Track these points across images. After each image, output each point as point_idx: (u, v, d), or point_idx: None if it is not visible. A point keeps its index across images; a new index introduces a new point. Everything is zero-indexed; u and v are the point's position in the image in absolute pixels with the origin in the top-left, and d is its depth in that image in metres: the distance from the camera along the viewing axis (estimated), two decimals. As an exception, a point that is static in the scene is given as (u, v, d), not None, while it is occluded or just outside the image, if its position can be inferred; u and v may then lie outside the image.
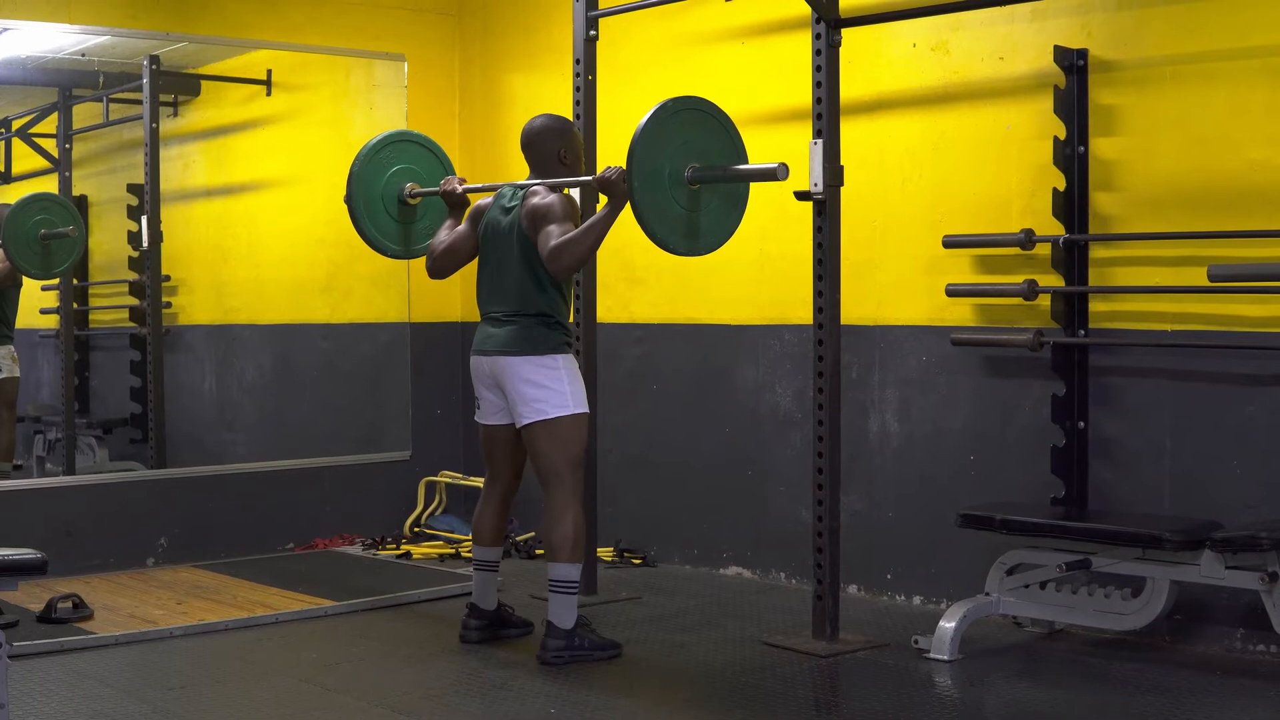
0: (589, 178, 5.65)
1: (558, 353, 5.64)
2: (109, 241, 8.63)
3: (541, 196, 5.62)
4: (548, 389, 5.61)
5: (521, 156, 8.46)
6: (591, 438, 6.72)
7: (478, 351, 5.78)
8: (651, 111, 5.30)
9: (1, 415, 8.11)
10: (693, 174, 5.35)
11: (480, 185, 6.07)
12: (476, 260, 5.91)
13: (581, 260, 5.56)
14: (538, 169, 5.82)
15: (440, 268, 6.00)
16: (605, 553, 7.42)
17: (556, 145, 5.81)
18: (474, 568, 6.02)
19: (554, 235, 5.49)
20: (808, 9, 5.88)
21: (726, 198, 5.50)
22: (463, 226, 5.96)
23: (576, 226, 5.53)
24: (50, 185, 8.42)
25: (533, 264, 5.63)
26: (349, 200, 6.20)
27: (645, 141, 5.24)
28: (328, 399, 9.00)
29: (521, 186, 5.75)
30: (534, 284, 5.65)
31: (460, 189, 6.05)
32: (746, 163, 5.53)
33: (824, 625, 5.87)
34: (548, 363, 5.63)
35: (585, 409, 5.69)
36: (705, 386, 7.46)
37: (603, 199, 5.54)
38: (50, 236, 7.87)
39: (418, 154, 6.38)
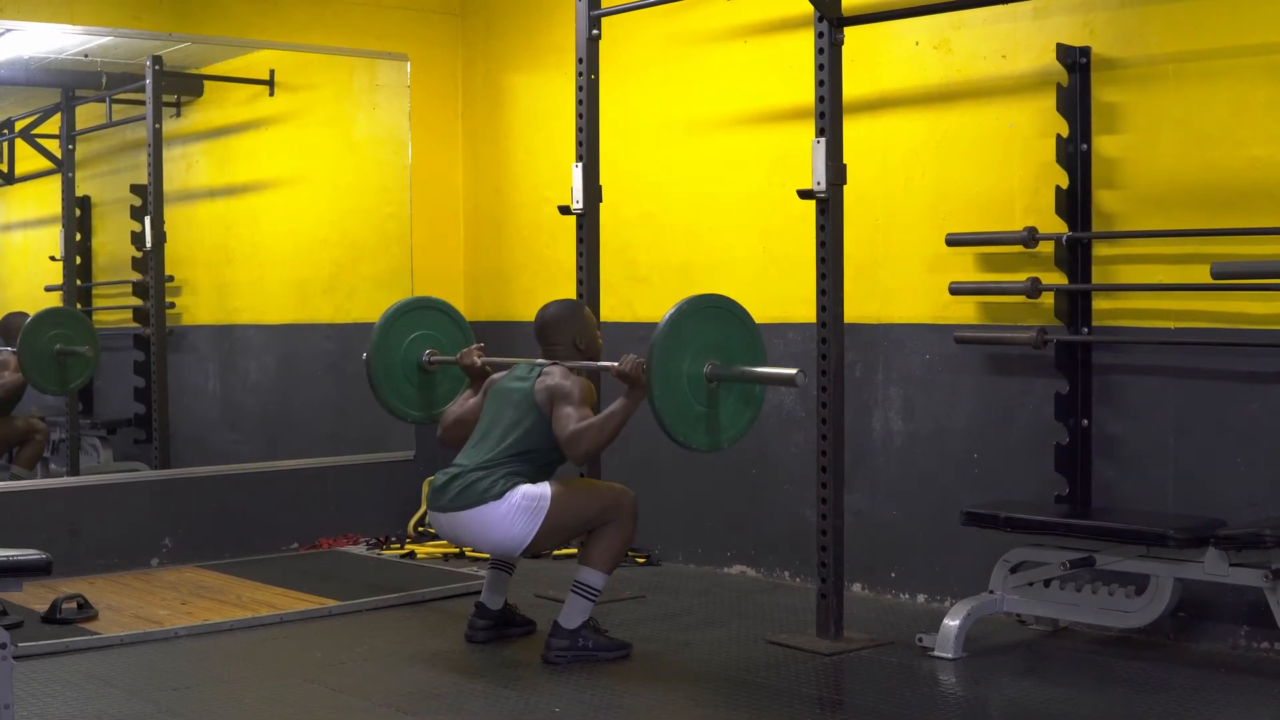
0: (609, 364, 5.64)
1: (506, 492, 5.51)
2: (112, 242, 8.63)
3: (560, 376, 5.63)
4: (514, 519, 5.51)
5: (521, 145, 8.54)
6: (606, 447, 6.76)
7: (433, 507, 5.72)
8: (671, 313, 5.31)
9: (35, 435, 8.21)
10: (711, 371, 5.35)
11: (498, 359, 6.12)
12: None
13: (599, 448, 5.60)
14: (551, 356, 5.83)
15: (448, 437, 6.04)
16: (609, 552, 7.42)
17: (570, 334, 5.84)
18: (490, 565, 6.03)
19: (573, 419, 5.49)
20: (810, 7, 5.88)
21: (741, 397, 5.50)
22: (475, 400, 6.00)
23: (593, 412, 5.54)
24: (54, 186, 8.42)
25: (529, 430, 5.61)
26: (369, 372, 6.39)
27: (665, 344, 5.25)
28: (331, 399, 9.00)
29: (539, 365, 5.77)
30: (520, 444, 5.61)
31: (479, 361, 6.08)
32: (765, 358, 5.54)
33: (828, 624, 5.88)
34: (501, 500, 5.50)
35: (547, 486, 5.57)
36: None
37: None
38: (66, 354, 7.92)
39: (436, 320, 6.57)
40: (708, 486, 7.45)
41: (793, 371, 5.27)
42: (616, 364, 5.50)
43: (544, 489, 5.54)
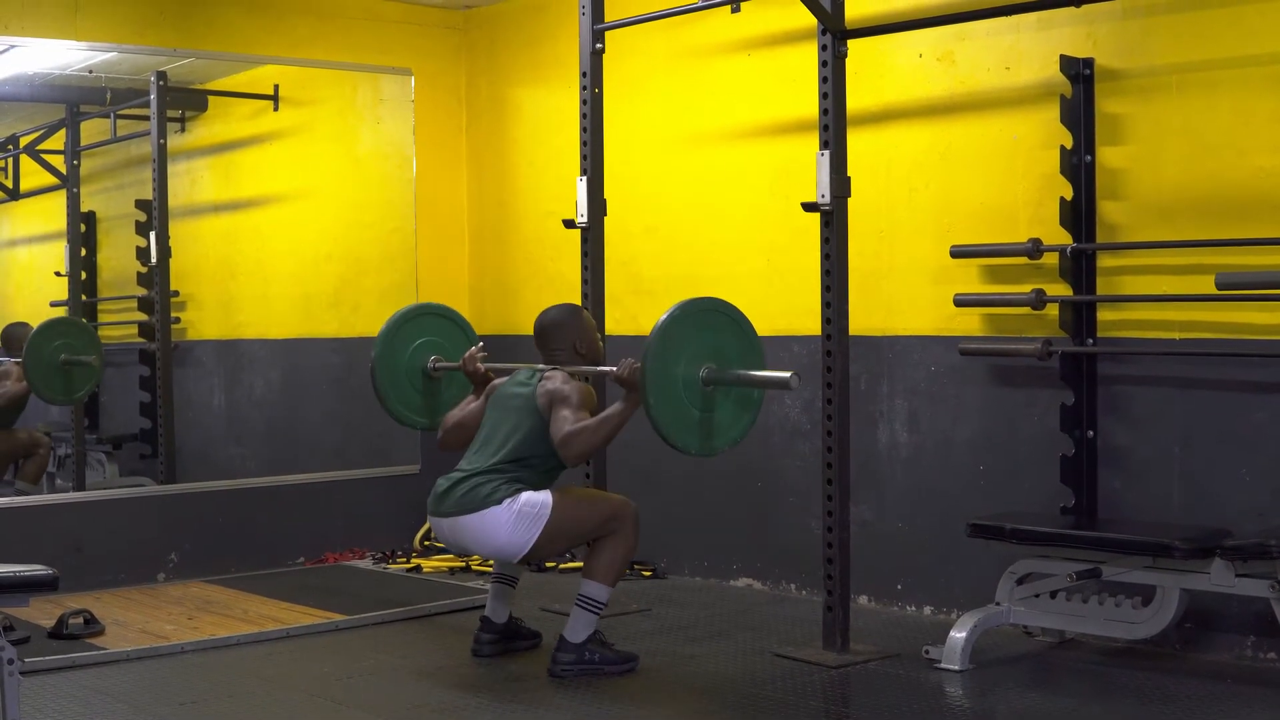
0: (608, 369, 5.65)
1: (509, 498, 5.53)
2: (117, 258, 8.65)
3: (560, 381, 5.65)
4: (516, 524, 5.52)
5: (525, 159, 8.55)
6: (600, 450, 6.75)
7: (433, 512, 5.72)
8: (667, 315, 5.29)
9: (39, 450, 8.21)
10: (707, 375, 5.34)
11: (500, 365, 6.13)
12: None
13: (593, 450, 5.61)
14: (551, 361, 5.84)
15: (449, 441, 6.07)
16: (615, 565, 7.41)
17: (570, 339, 5.85)
18: (492, 580, 6.03)
19: (569, 421, 5.49)
20: (814, 20, 5.89)
21: (738, 402, 5.48)
22: (477, 404, 6.01)
23: (592, 416, 5.54)
24: (59, 201, 8.44)
25: (530, 434, 5.62)
26: (373, 379, 6.40)
27: (660, 347, 5.24)
28: (337, 413, 9.01)
29: (540, 370, 5.77)
30: (521, 449, 5.62)
31: (482, 368, 6.10)
32: (762, 362, 5.51)
33: (834, 636, 5.87)
34: (503, 506, 5.51)
35: (548, 493, 5.60)
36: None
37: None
38: (71, 363, 7.92)
39: (439, 325, 6.57)
40: (713, 499, 7.45)
41: (787, 375, 5.25)
42: (615, 369, 5.51)
43: (545, 496, 5.55)
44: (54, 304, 8.46)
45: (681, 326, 5.31)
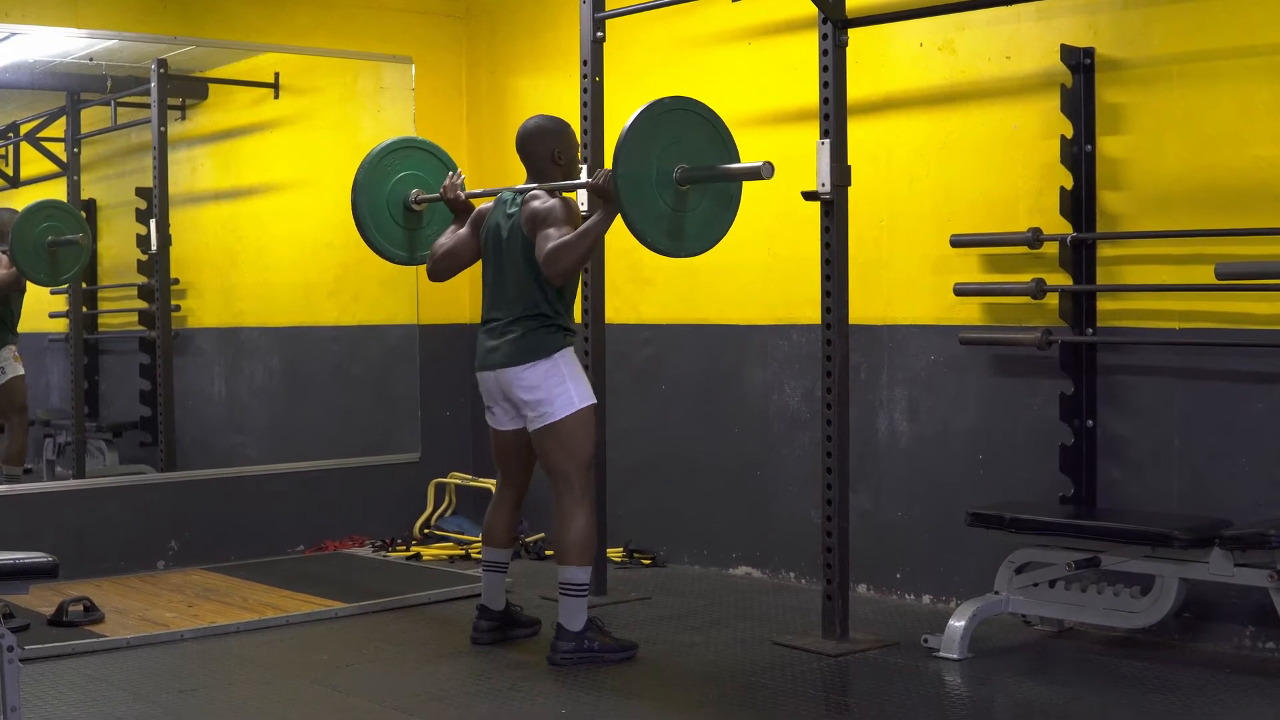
0: (584, 181, 5.64)
1: (556, 352, 5.63)
2: (118, 245, 8.65)
3: (541, 200, 5.64)
4: (551, 392, 5.61)
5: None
6: (600, 438, 6.74)
7: (481, 367, 5.78)
8: (639, 111, 5.28)
9: (12, 419, 8.12)
10: (680, 174, 5.32)
11: (481, 190, 6.07)
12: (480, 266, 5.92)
13: (577, 263, 5.54)
14: (534, 171, 5.82)
15: (440, 269, 6.02)
16: (615, 553, 7.42)
17: (550, 146, 5.80)
18: (483, 569, 6.03)
19: (551, 239, 5.49)
20: (814, 9, 5.88)
21: (718, 199, 5.47)
22: (464, 230, 5.98)
23: (575, 230, 5.53)
24: (59, 189, 8.44)
25: (535, 267, 5.62)
26: (354, 207, 6.23)
27: (632, 140, 5.21)
28: (337, 401, 9.01)
29: (521, 191, 5.75)
30: (536, 287, 5.65)
31: (463, 195, 6.05)
32: (737, 157, 5.48)
33: (834, 625, 5.88)
34: (547, 366, 5.62)
35: (590, 400, 5.69)
36: (714, 387, 7.46)
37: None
38: (58, 244, 7.86)
39: (423, 160, 6.39)
40: (713, 488, 7.46)
41: (759, 164, 5.23)
42: (589, 179, 5.46)
43: (588, 393, 5.66)
44: (54, 291, 8.46)
45: (653, 124, 5.27)
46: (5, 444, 8.10)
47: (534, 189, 5.71)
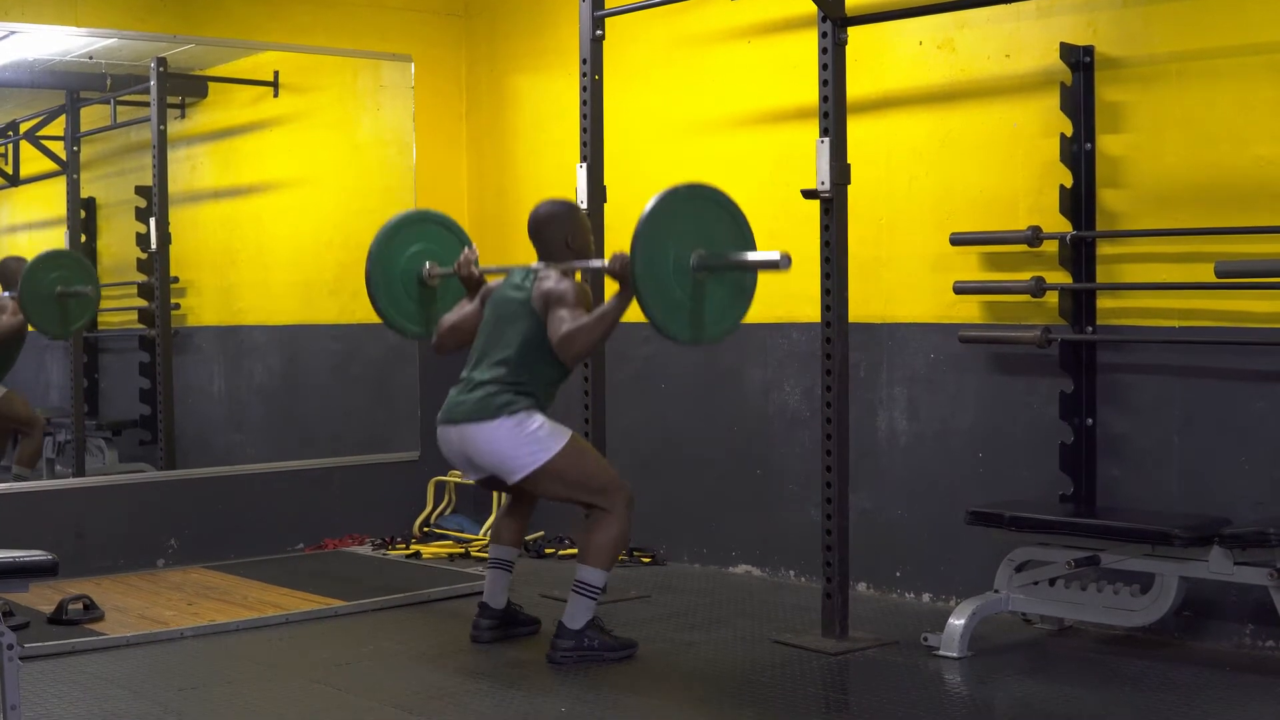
0: (600, 263, 5.63)
1: (522, 411, 5.56)
2: (117, 244, 8.65)
3: (555, 281, 5.62)
4: (525, 442, 5.54)
5: (525, 146, 8.55)
6: (600, 438, 6.75)
7: (444, 420, 5.73)
8: (656, 199, 5.27)
9: (23, 428, 8.16)
10: (698, 261, 5.31)
11: (495, 267, 6.11)
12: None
13: (592, 348, 5.58)
14: (546, 255, 5.81)
15: (445, 344, 6.06)
16: (614, 552, 7.42)
17: (563, 232, 5.81)
18: (489, 566, 6.03)
19: (566, 320, 5.47)
20: (814, 7, 5.88)
21: (732, 288, 5.45)
22: (472, 306, 6.00)
23: (588, 313, 5.52)
24: (59, 187, 8.44)
25: (530, 339, 5.62)
26: (368, 280, 6.28)
27: (649, 230, 5.20)
28: (336, 400, 9.01)
29: (534, 270, 5.75)
30: (525, 355, 5.62)
31: (476, 271, 6.06)
32: (753, 246, 5.49)
33: (833, 623, 5.88)
34: (516, 420, 5.54)
35: (564, 435, 5.60)
36: (713, 386, 7.46)
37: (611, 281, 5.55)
38: (67, 294, 7.90)
39: (437, 234, 6.46)
40: (713, 486, 7.46)
41: (777, 255, 5.23)
42: (605, 263, 5.47)
43: (561, 432, 5.57)
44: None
45: (671, 213, 5.27)
46: (20, 447, 8.14)
47: (546, 268, 5.71)
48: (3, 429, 8.15)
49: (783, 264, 5.21)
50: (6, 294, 8.01)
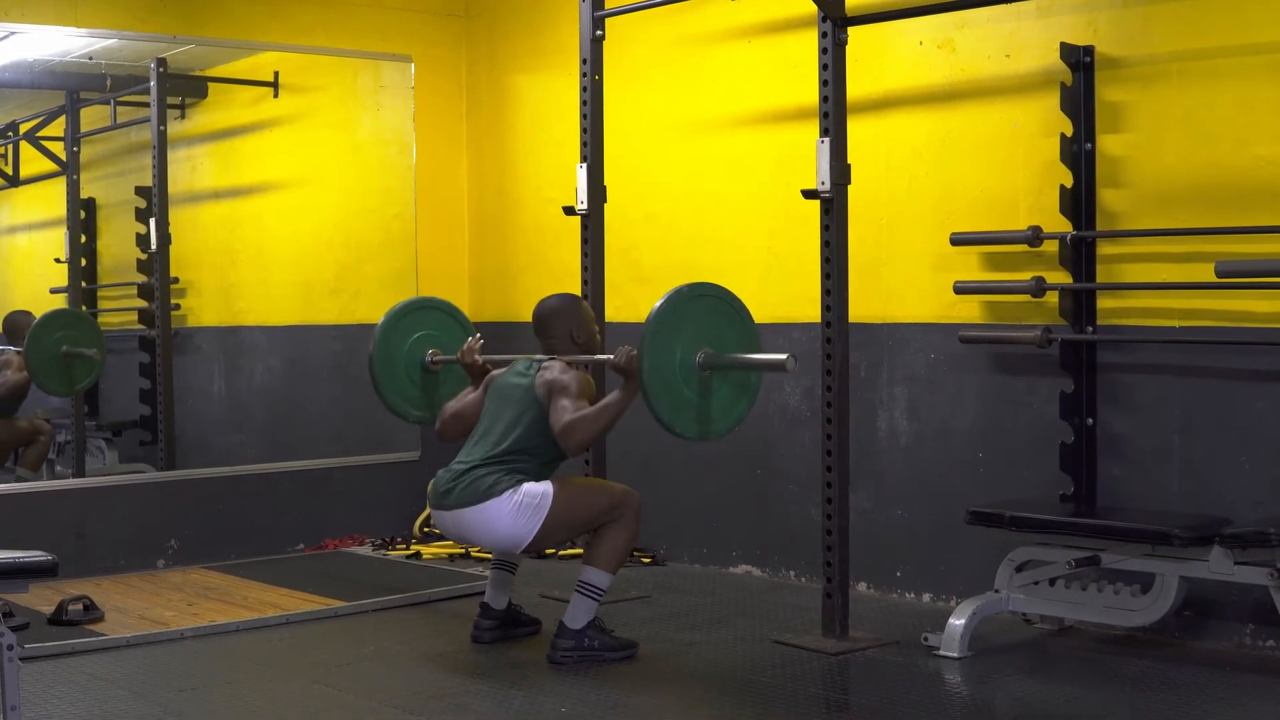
0: (605, 357, 5.65)
1: (510, 490, 5.54)
2: (117, 244, 8.64)
3: (559, 371, 5.64)
4: (518, 515, 5.53)
5: (525, 146, 8.55)
6: (600, 439, 6.75)
7: (436, 505, 5.73)
8: (662, 301, 5.29)
9: (29, 437, 8.22)
10: (704, 360, 5.33)
11: (498, 356, 6.13)
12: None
13: (593, 438, 5.62)
14: (549, 350, 5.84)
15: (447, 431, 6.06)
16: (614, 552, 7.42)
17: (567, 327, 5.84)
18: (491, 566, 6.04)
19: (568, 410, 5.49)
20: (814, 7, 5.88)
21: (735, 385, 5.47)
22: (475, 394, 6.01)
23: (591, 405, 5.54)
24: (59, 188, 8.44)
25: (531, 425, 5.62)
26: (370, 365, 6.38)
27: (656, 331, 5.23)
28: (337, 400, 9.01)
29: (538, 361, 5.78)
30: (524, 439, 5.62)
31: (480, 359, 6.09)
32: (759, 346, 5.52)
33: (834, 623, 5.88)
34: (504, 498, 5.52)
35: (550, 484, 5.59)
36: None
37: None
38: (72, 355, 7.91)
39: (440, 320, 6.56)
40: (713, 487, 7.46)
41: (783, 357, 5.25)
42: (612, 356, 5.51)
43: (546, 487, 5.55)
44: (54, 290, 8.46)
45: (677, 312, 5.31)
46: (27, 451, 8.15)
47: (551, 359, 5.74)
48: (6, 447, 8.17)
49: (789, 365, 5.24)
50: (11, 349, 8.05)
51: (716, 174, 7.44)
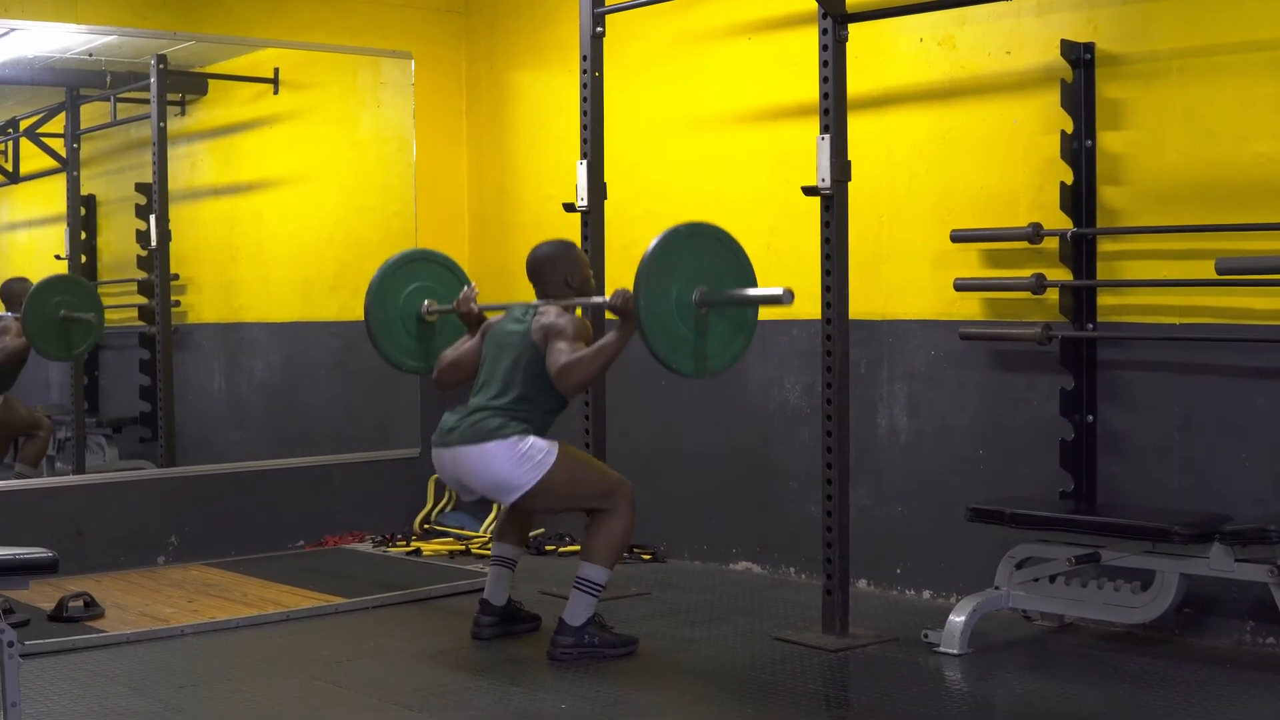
0: (601, 299, 5.66)
1: (516, 436, 5.56)
2: (117, 241, 8.65)
3: (555, 315, 5.66)
4: (518, 463, 5.55)
5: (525, 142, 8.54)
6: (600, 435, 6.75)
7: (438, 443, 5.75)
8: (657, 240, 5.27)
9: (28, 431, 8.20)
10: (700, 298, 5.32)
11: (494, 305, 6.13)
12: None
13: (590, 380, 5.61)
14: (545, 295, 5.85)
15: (445, 380, 6.05)
16: (615, 549, 7.42)
17: (562, 272, 5.85)
18: (491, 563, 6.04)
19: (564, 353, 5.50)
20: (814, 4, 5.88)
21: (733, 322, 5.45)
22: (472, 342, 6.01)
23: (587, 346, 5.55)
24: (59, 185, 8.44)
25: (529, 370, 5.64)
26: (367, 317, 6.34)
27: (652, 269, 5.21)
28: (337, 396, 9.01)
29: (534, 306, 5.77)
30: (524, 386, 5.64)
31: (475, 308, 6.09)
32: (754, 282, 5.48)
33: (834, 620, 5.88)
34: (509, 443, 5.55)
35: (556, 445, 5.62)
36: (713, 383, 7.41)
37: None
38: (70, 319, 7.90)
39: (436, 272, 6.51)
40: (713, 483, 7.46)
41: (780, 291, 5.24)
42: (608, 298, 5.51)
43: (552, 446, 5.58)
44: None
45: (673, 250, 5.28)
46: (26, 446, 8.14)
47: (546, 304, 5.74)
48: (5, 435, 8.15)
49: (785, 299, 5.21)
50: (10, 315, 8.03)
51: (717, 170, 7.44)
